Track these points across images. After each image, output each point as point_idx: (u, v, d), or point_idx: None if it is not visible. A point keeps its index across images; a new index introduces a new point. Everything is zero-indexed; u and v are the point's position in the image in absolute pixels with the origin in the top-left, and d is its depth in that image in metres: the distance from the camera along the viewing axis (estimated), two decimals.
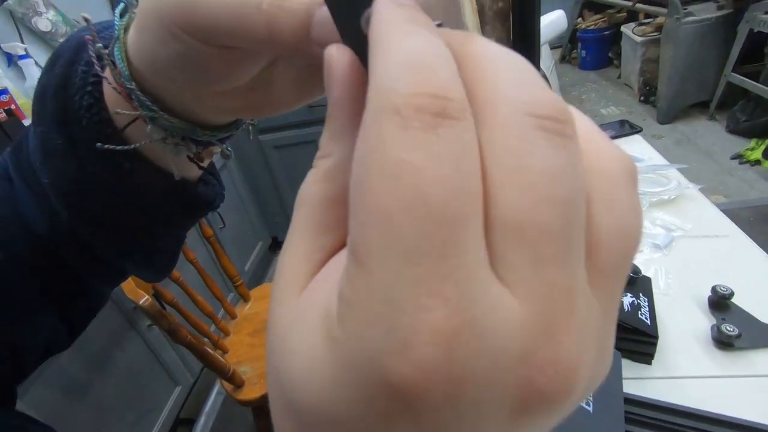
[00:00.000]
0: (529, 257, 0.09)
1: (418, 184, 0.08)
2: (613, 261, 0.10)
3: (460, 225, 0.09)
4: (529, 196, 0.09)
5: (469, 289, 0.08)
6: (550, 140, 0.09)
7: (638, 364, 0.58)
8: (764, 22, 2.19)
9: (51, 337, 0.31)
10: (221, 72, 0.19)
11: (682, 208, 0.84)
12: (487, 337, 0.08)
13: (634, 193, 0.11)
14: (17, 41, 1.57)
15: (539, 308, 0.09)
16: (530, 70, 0.10)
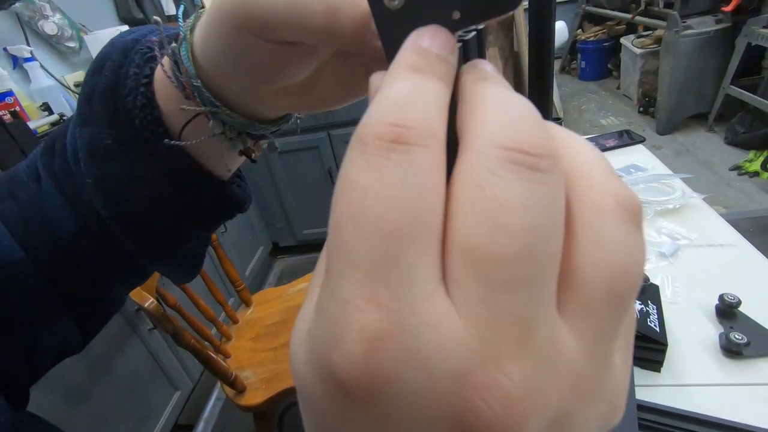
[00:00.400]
0: (479, 281, 0.09)
1: (362, 200, 0.10)
2: (598, 297, 0.10)
3: (401, 239, 0.09)
4: (485, 223, 0.09)
5: (405, 298, 0.09)
6: (517, 172, 0.09)
7: (647, 372, 0.58)
8: (762, 35, 2.22)
9: (65, 340, 0.31)
10: (280, 70, 0.20)
11: (687, 218, 0.85)
12: (419, 347, 0.09)
13: (628, 230, 0.10)
14: (23, 44, 1.57)
15: (483, 332, 0.09)
16: (523, 110, 0.11)
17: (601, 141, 1.16)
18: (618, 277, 0.10)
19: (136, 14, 2.09)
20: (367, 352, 0.09)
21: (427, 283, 0.09)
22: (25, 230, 0.27)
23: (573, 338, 0.10)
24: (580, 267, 0.10)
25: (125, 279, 0.33)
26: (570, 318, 0.10)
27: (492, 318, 0.09)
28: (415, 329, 0.09)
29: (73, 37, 1.75)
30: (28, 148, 1.24)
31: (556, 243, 0.10)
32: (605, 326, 0.10)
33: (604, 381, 0.10)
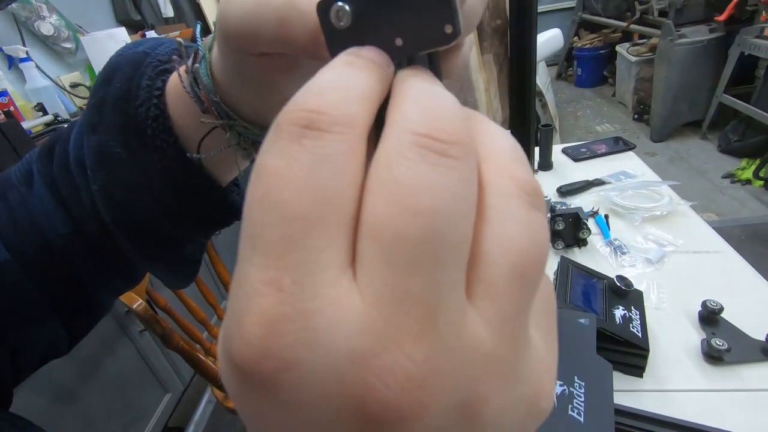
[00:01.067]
0: (381, 262, 0.09)
1: (270, 185, 0.10)
2: (502, 276, 0.10)
3: (307, 224, 0.09)
4: (390, 203, 0.09)
5: (307, 283, 0.09)
6: (425, 156, 0.10)
7: (629, 377, 0.58)
8: (754, 45, 2.25)
9: (51, 343, 0.31)
10: (273, 80, 0.21)
11: (674, 224, 0.86)
12: (318, 330, 0.09)
13: (528, 210, 0.11)
14: (19, 44, 1.58)
15: (385, 313, 0.09)
16: (442, 101, 0.11)
17: (592, 147, 1.17)
18: (520, 255, 0.10)
19: (133, 16, 2.09)
20: (264, 337, 0.09)
21: (333, 267, 0.09)
22: (14, 233, 0.28)
23: (481, 319, 0.10)
24: (483, 247, 0.10)
25: (115, 283, 0.33)
26: (477, 299, 0.10)
27: (394, 298, 0.09)
28: (315, 313, 0.09)
29: (69, 38, 1.76)
30: (22, 148, 1.24)
31: (463, 226, 0.10)
32: (513, 305, 0.10)
33: (520, 361, 0.10)
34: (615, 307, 0.61)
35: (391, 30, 0.13)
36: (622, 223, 0.89)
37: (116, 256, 0.30)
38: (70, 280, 0.30)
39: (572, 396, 0.45)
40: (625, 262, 0.78)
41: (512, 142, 0.12)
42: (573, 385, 0.46)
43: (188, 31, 2.13)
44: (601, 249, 0.83)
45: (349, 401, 0.09)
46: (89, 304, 0.33)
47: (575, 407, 0.44)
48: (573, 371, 0.48)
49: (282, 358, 0.09)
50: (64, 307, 0.30)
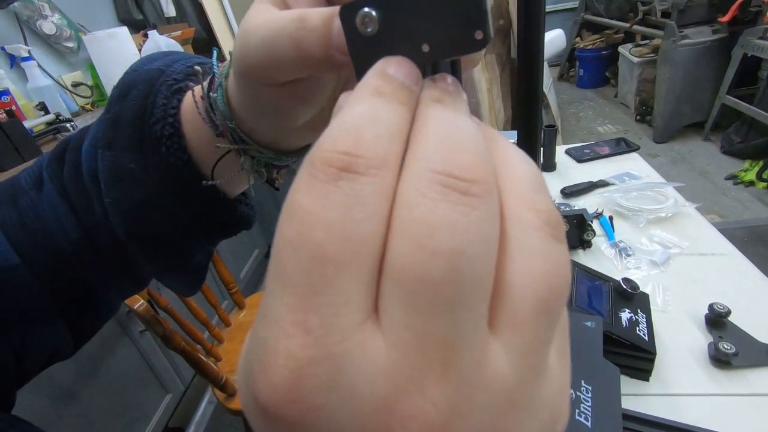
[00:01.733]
0: (403, 304, 0.09)
1: (304, 225, 0.10)
2: (526, 307, 0.10)
3: (337, 266, 0.09)
4: (410, 244, 0.09)
5: (334, 326, 0.09)
6: (446, 194, 0.09)
7: (636, 381, 0.57)
8: (758, 46, 2.24)
9: (56, 345, 0.31)
10: (290, 108, 0.22)
11: (679, 226, 0.85)
12: (344, 375, 0.09)
13: (550, 242, 0.11)
14: (21, 43, 1.57)
15: (407, 357, 0.09)
16: (463, 134, 0.11)
17: (596, 149, 1.16)
18: (544, 287, 0.10)
19: (135, 15, 2.09)
20: (290, 380, 0.09)
21: (360, 311, 0.09)
22: (23, 236, 0.28)
23: (504, 353, 0.10)
24: (507, 280, 0.10)
25: (122, 287, 0.34)
26: (501, 332, 0.10)
27: (416, 342, 0.09)
28: (340, 357, 0.09)
29: (71, 37, 1.76)
30: (23, 147, 1.23)
31: (485, 265, 0.10)
32: (537, 336, 0.10)
33: (541, 390, 0.10)
34: (621, 310, 0.61)
35: (418, 36, 0.13)
36: (626, 225, 0.88)
37: (125, 261, 0.30)
38: (77, 283, 0.30)
39: (579, 401, 0.45)
40: (630, 264, 0.78)
41: (533, 169, 0.12)
42: (580, 389, 0.46)
43: (190, 31, 2.13)
44: (605, 251, 0.82)
45: None
46: (96, 307, 0.33)
47: (582, 412, 0.44)
48: (580, 375, 0.47)
49: (307, 403, 0.09)
50: (71, 310, 0.31)
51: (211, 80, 0.24)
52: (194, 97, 0.25)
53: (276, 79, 0.19)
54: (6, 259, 0.27)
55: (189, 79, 0.26)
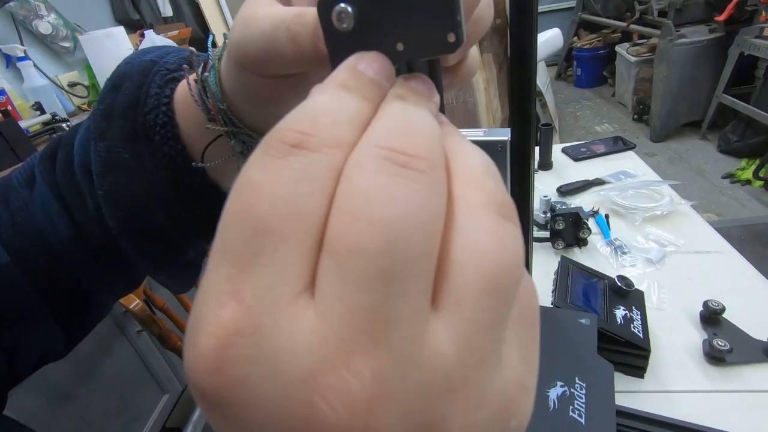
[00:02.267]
0: (336, 276, 0.09)
1: (250, 197, 0.10)
2: (471, 285, 0.09)
3: (277, 238, 0.09)
4: (347, 215, 0.09)
5: (268, 297, 0.09)
6: (385, 166, 0.09)
7: (631, 378, 0.58)
8: (754, 45, 2.24)
9: (49, 345, 0.31)
10: (282, 99, 0.22)
11: (675, 224, 0.85)
12: (272, 347, 0.08)
13: (498, 220, 0.10)
14: (17, 43, 1.57)
15: (336, 329, 0.08)
16: (414, 121, 0.11)
17: (592, 147, 1.17)
18: (491, 263, 0.10)
19: (132, 15, 2.09)
20: (217, 348, 0.09)
21: (295, 284, 0.09)
22: (14, 235, 0.28)
23: (446, 332, 0.09)
24: (451, 257, 0.10)
25: (115, 287, 0.33)
26: (443, 310, 0.09)
27: (347, 314, 0.09)
28: (269, 328, 0.09)
29: (67, 37, 1.75)
30: (19, 147, 1.23)
31: (425, 239, 0.09)
32: (483, 315, 0.09)
33: (488, 379, 0.10)
34: (616, 307, 0.61)
35: (394, 34, 0.13)
36: (622, 223, 0.88)
37: (117, 260, 0.30)
38: (69, 283, 0.30)
39: (573, 397, 0.45)
40: (626, 262, 0.78)
41: (485, 159, 0.12)
42: (574, 386, 0.46)
43: (186, 31, 2.13)
44: (601, 249, 0.82)
45: (295, 423, 0.08)
46: (88, 307, 0.33)
47: (576, 408, 0.44)
48: (574, 372, 0.47)
49: (232, 372, 0.08)
50: (63, 309, 0.30)
51: (205, 63, 0.24)
52: (188, 81, 0.25)
53: (272, 72, 0.19)
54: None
55: (182, 70, 0.26)
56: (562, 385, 0.45)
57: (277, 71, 0.19)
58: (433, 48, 0.13)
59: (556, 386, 0.45)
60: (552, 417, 0.43)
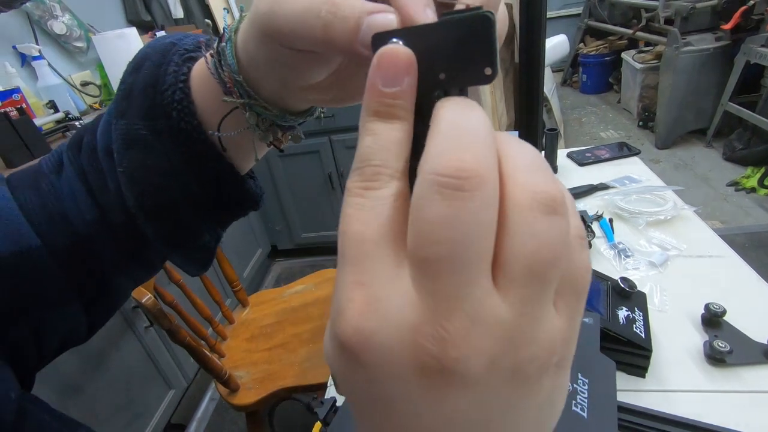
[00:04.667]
0: (419, 273, 0.13)
1: (347, 222, 0.15)
2: (518, 273, 0.13)
3: (374, 245, 0.14)
4: (418, 237, 0.13)
5: (379, 280, 0.14)
6: (441, 194, 0.12)
7: (632, 377, 0.59)
8: (760, 54, 2.25)
9: (72, 328, 0.32)
10: (302, 71, 0.23)
11: (678, 229, 0.86)
12: (389, 312, 0.13)
13: (543, 220, 0.13)
14: (32, 42, 1.60)
15: (427, 303, 0.13)
16: (462, 132, 0.13)
17: (597, 152, 1.18)
18: (532, 259, 0.13)
19: (144, 16, 2.12)
20: (355, 317, 0.13)
21: (394, 272, 0.14)
22: (44, 218, 0.29)
23: (503, 302, 0.13)
24: (503, 252, 0.13)
25: (134, 272, 0.35)
26: (501, 287, 0.13)
27: (433, 294, 0.13)
28: (386, 300, 0.13)
29: (81, 37, 1.78)
30: (33, 145, 1.26)
31: (479, 245, 0.13)
32: (529, 292, 0.13)
33: (535, 331, 0.13)
34: (618, 308, 0.62)
35: (437, 66, 0.15)
36: (626, 227, 0.90)
37: (138, 245, 0.31)
38: (93, 267, 0.31)
39: (576, 392, 0.46)
40: (629, 265, 0.79)
41: (533, 155, 0.15)
42: (577, 381, 0.47)
43: (197, 32, 2.16)
44: (605, 252, 0.83)
45: (409, 355, 0.13)
46: (109, 291, 0.34)
47: (579, 403, 0.45)
48: (577, 369, 0.49)
49: (367, 330, 0.13)
50: (86, 293, 0.31)
51: (221, 36, 0.25)
52: (205, 57, 0.26)
53: (297, 47, 0.21)
54: (28, 240, 0.28)
55: (199, 50, 0.27)
56: None
57: (301, 46, 0.20)
58: (472, 79, 0.15)
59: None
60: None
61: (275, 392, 1.10)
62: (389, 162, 0.15)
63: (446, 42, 0.15)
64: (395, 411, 0.14)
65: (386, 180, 0.15)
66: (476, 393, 0.13)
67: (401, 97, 0.15)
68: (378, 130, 0.15)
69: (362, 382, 0.14)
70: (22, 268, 0.28)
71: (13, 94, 1.44)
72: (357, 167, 0.15)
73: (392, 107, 0.15)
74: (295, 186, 2.18)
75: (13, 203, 0.29)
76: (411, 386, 0.13)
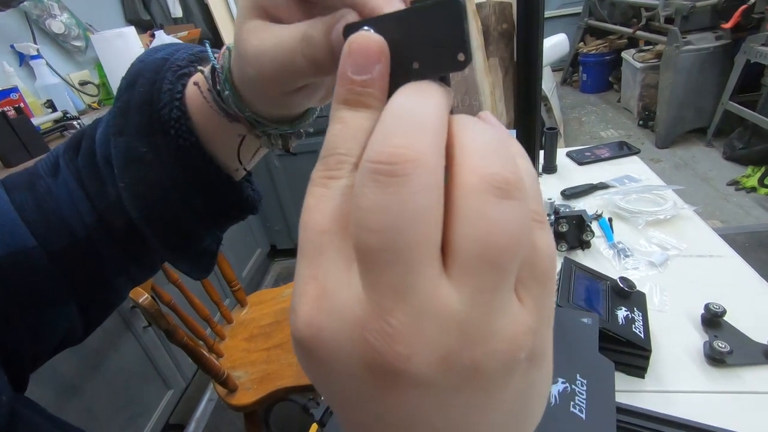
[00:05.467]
0: (362, 264, 0.13)
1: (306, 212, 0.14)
2: (471, 259, 0.12)
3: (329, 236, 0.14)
4: (355, 225, 0.12)
5: (330, 275, 0.13)
6: (375, 181, 0.12)
7: (631, 378, 0.58)
8: (761, 53, 2.25)
9: (68, 329, 0.32)
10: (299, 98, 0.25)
11: (678, 229, 0.86)
12: (337, 307, 0.13)
13: (495, 204, 0.12)
14: (30, 41, 1.60)
15: (372, 296, 0.12)
16: (409, 114, 0.13)
17: (596, 152, 1.18)
18: (484, 244, 0.12)
19: (142, 16, 2.12)
20: (307, 312, 0.13)
21: (346, 264, 0.13)
22: (40, 219, 0.29)
23: (456, 293, 0.12)
24: (453, 238, 0.12)
25: (132, 273, 0.35)
26: (453, 277, 0.12)
27: (375, 287, 0.12)
28: (336, 293, 0.13)
29: (79, 36, 1.78)
30: (31, 144, 1.25)
31: (416, 231, 0.12)
32: (484, 281, 0.12)
33: (493, 324, 0.12)
34: (618, 308, 0.61)
35: (410, 55, 0.15)
36: (625, 227, 0.89)
37: (136, 246, 0.31)
38: (90, 267, 0.31)
39: (574, 393, 0.46)
40: (629, 264, 0.79)
41: (488, 137, 0.14)
42: (575, 382, 0.47)
43: (196, 32, 2.15)
44: (604, 252, 0.83)
45: (357, 352, 0.12)
46: (107, 292, 0.34)
47: (577, 404, 0.45)
48: (575, 369, 0.48)
49: (315, 325, 0.13)
50: (82, 293, 0.31)
51: (213, 73, 0.26)
52: (200, 90, 0.26)
53: (291, 88, 0.22)
54: (23, 240, 0.28)
55: (192, 66, 0.28)
56: (563, 382, 0.46)
57: (295, 86, 0.22)
58: (445, 66, 0.15)
59: (557, 382, 0.46)
60: (553, 411, 0.44)
61: (273, 392, 1.09)
62: (353, 151, 0.14)
63: (417, 29, 0.15)
64: (357, 410, 0.13)
65: (348, 169, 0.14)
66: (432, 394, 0.12)
67: (371, 85, 0.15)
68: (346, 119, 0.15)
69: (322, 379, 0.14)
70: (18, 269, 0.28)
71: (10, 94, 1.43)
72: (322, 156, 0.15)
73: (362, 95, 0.15)
74: (294, 185, 2.17)
75: (8, 204, 0.29)
76: (365, 386, 0.12)
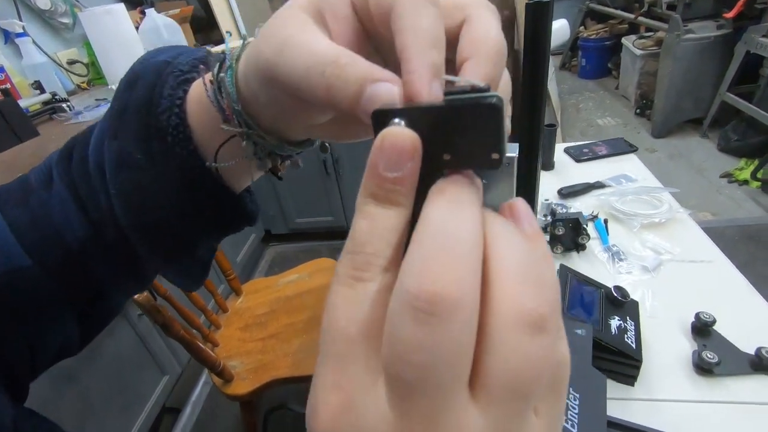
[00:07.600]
0: (393, 392, 0.13)
1: (331, 314, 0.15)
2: (498, 390, 0.13)
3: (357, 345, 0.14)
4: (392, 355, 0.13)
5: (355, 388, 0.14)
6: (415, 318, 0.12)
7: (621, 385, 0.60)
8: (761, 44, 2.23)
9: (65, 342, 0.32)
10: (301, 115, 0.23)
11: (672, 232, 0.87)
12: (362, 422, 0.13)
13: (525, 340, 0.12)
14: (15, 18, 1.54)
15: (401, 422, 0.13)
16: (440, 252, 0.13)
17: (594, 149, 1.17)
18: (513, 378, 0.13)
19: None
20: (329, 420, 0.14)
21: (372, 379, 0.14)
22: (35, 236, 0.29)
23: (481, 417, 0.13)
24: (484, 367, 0.13)
25: (127, 286, 0.34)
26: (480, 402, 0.13)
27: (407, 415, 0.13)
28: (361, 409, 0.13)
29: (66, 12, 1.72)
30: (20, 128, 1.22)
31: (453, 368, 0.12)
32: (508, 410, 0.13)
33: None
34: (611, 317, 0.63)
35: (442, 148, 0.14)
36: (620, 229, 0.90)
37: (130, 259, 0.31)
38: (85, 280, 0.31)
39: (567, 408, 0.47)
40: (622, 268, 0.80)
41: (522, 257, 0.14)
42: (568, 396, 0.48)
43: (188, 9, 2.08)
44: (599, 254, 0.84)
45: None
46: (102, 305, 0.34)
47: (569, 419, 0.46)
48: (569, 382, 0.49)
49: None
50: (79, 306, 0.31)
51: (221, 63, 0.24)
52: (204, 81, 0.25)
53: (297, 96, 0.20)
54: (19, 260, 0.28)
55: (195, 71, 0.26)
56: None
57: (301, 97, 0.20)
58: (478, 163, 0.14)
59: None
60: None
61: (268, 383, 1.11)
62: (382, 251, 0.14)
63: (452, 125, 0.14)
64: None
65: (377, 272, 0.14)
66: None
67: (401, 183, 0.14)
68: (374, 215, 0.15)
69: None
70: (14, 288, 0.28)
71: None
72: (349, 251, 0.15)
73: (391, 192, 0.15)
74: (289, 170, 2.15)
75: (2, 222, 0.29)
76: None
